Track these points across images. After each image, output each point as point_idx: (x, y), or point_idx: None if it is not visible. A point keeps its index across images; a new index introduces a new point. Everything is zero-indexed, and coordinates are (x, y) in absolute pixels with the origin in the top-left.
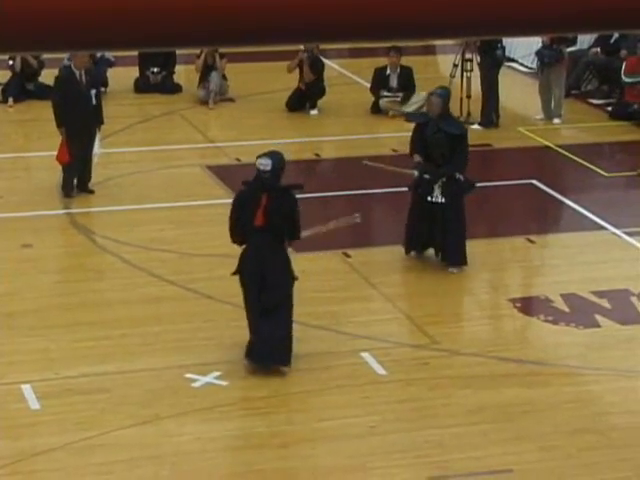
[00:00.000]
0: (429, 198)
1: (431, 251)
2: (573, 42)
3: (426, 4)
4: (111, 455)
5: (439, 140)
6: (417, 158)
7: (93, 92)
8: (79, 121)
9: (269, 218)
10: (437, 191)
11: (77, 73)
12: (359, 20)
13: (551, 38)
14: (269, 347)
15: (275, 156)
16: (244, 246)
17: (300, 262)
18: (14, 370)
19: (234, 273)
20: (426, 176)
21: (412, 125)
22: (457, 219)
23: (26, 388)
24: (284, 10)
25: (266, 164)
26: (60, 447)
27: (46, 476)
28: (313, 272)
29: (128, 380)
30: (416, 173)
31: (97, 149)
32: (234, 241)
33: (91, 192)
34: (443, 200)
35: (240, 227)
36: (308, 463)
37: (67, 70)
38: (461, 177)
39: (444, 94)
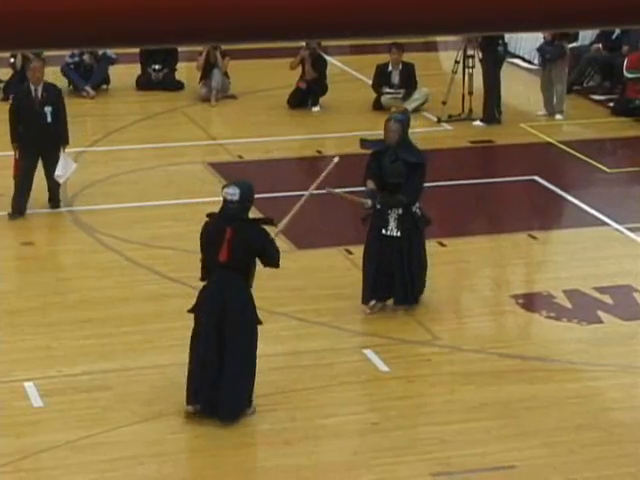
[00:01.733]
0: (383, 231)
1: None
2: (575, 38)
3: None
4: (114, 452)
5: (396, 169)
6: (370, 185)
7: (48, 109)
8: (30, 138)
9: (233, 253)
10: (392, 224)
11: (33, 89)
12: (361, 16)
13: (553, 34)
14: (229, 403)
15: (244, 185)
16: (205, 282)
17: (302, 259)
18: (17, 368)
19: (190, 310)
20: (378, 205)
21: (414, 122)
22: (413, 255)
23: (29, 386)
24: (285, 6)
25: (233, 193)
26: (63, 444)
27: (49, 474)
28: (315, 269)
29: (131, 377)
30: (369, 202)
31: (61, 170)
32: (202, 278)
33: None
34: (399, 234)
35: (206, 263)
36: (311, 460)
37: (21, 86)
38: (418, 210)
39: (403, 119)
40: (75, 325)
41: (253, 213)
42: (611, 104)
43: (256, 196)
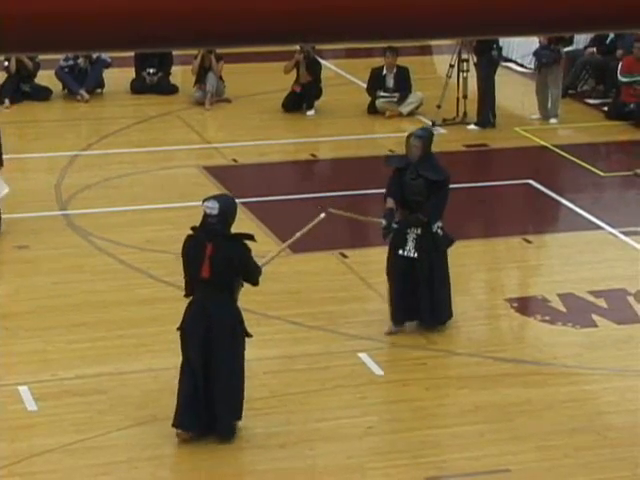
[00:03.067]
0: (400, 252)
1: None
2: (570, 42)
3: (422, 3)
4: (109, 456)
5: (417, 187)
6: (389, 203)
7: None
8: None
9: (214, 270)
10: (410, 244)
11: None
12: (355, 20)
13: (549, 38)
14: (222, 418)
15: (223, 199)
16: (190, 299)
17: (297, 262)
18: (11, 371)
19: (178, 328)
20: (395, 225)
21: (409, 126)
22: (434, 278)
23: (23, 389)
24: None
25: (212, 207)
26: (57, 448)
27: (43, 477)
28: (310, 272)
29: (125, 381)
30: (384, 222)
31: None
32: (187, 295)
33: None
34: (416, 255)
35: (189, 279)
36: (306, 463)
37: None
38: (439, 230)
39: (425, 135)
40: (69, 329)
41: (248, 219)
42: (605, 108)
43: (251, 200)
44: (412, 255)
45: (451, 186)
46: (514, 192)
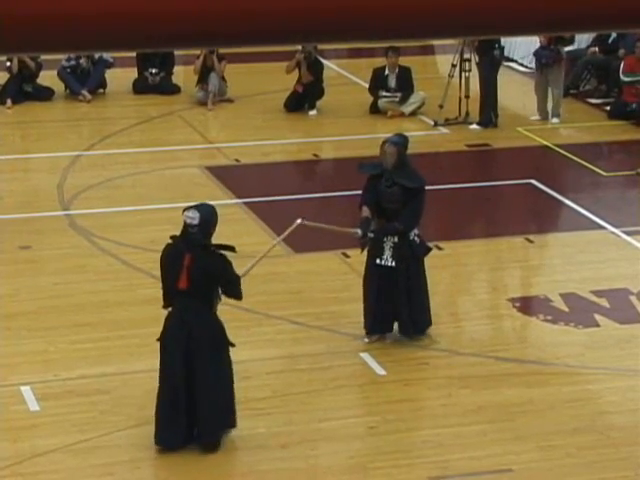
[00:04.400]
0: (378, 261)
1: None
2: (571, 42)
3: (424, 3)
4: (111, 456)
5: (393, 194)
6: (365, 212)
7: None
8: None
9: (192, 281)
10: (387, 253)
11: None
12: (357, 20)
13: (549, 38)
14: (207, 429)
15: (204, 209)
16: (169, 310)
17: (299, 262)
18: (13, 372)
19: (158, 339)
20: (371, 234)
21: (411, 125)
22: (412, 287)
23: (25, 390)
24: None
25: (193, 217)
26: (60, 449)
27: (46, 478)
28: (312, 272)
29: (127, 381)
30: (359, 232)
31: None
32: (165, 306)
33: None
34: (394, 264)
35: (167, 289)
36: (308, 463)
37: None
38: (416, 238)
39: (399, 142)
40: (72, 329)
41: (250, 219)
42: (607, 107)
43: (253, 200)
44: (390, 264)
45: (453, 186)
46: (516, 192)
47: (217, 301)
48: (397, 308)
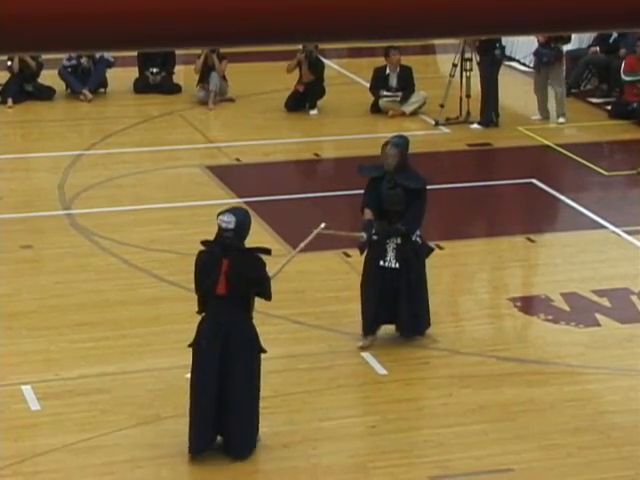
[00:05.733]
0: (381, 263)
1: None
2: (568, 40)
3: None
4: (112, 456)
5: (395, 196)
6: (367, 215)
7: None
8: None
9: (231, 286)
10: (390, 255)
11: None
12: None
13: (548, 37)
14: (239, 437)
15: (239, 212)
16: (203, 315)
17: (300, 262)
18: (14, 371)
19: (190, 345)
20: (374, 237)
21: (412, 125)
22: (413, 287)
23: (26, 389)
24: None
25: (228, 221)
26: (61, 448)
27: (47, 477)
28: (313, 272)
29: (128, 381)
30: (364, 236)
31: None
32: (200, 311)
33: None
34: (397, 266)
35: (203, 295)
36: (310, 463)
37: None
38: (418, 239)
39: (401, 143)
40: (73, 328)
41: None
42: (608, 107)
43: (254, 199)
44: (394, 266)
45: (454, 185)
46: (517, 191)
47: (253, 305)
48: (396, 309)
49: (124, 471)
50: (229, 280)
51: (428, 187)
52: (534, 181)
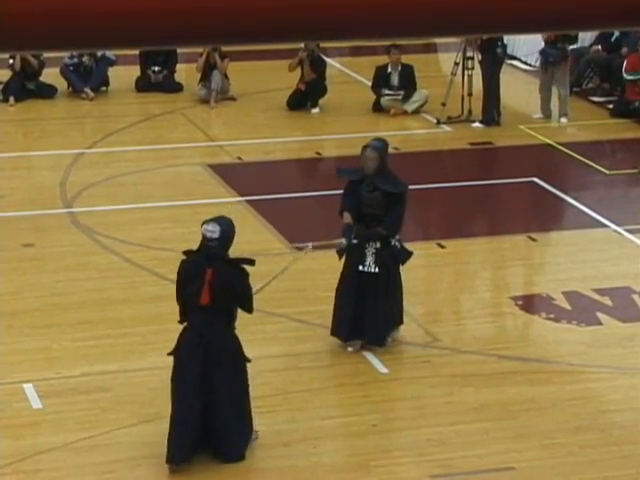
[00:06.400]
0: (360, 267)
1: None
2: (575, 40)
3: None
4: (113, 454)
5: (374, 200)
6: (347, 218)
7: None
8: None
9: (215, 296)
10: (370, 259)
11: None
12: (359, 18)
13: (555, 36)
14: (227, 446)
15: (223, 222)
16: (184, 325)
17: (302, 260)
18: (16, 369)
19: (170, 353)
20: (354, 241)
21: (413, 124)
22: (390, 292)
23: (28, 387)
24: (284, 8)
25: (213, 231)
26: (62, 446)
27: (48, 475)
28: (314, 270)
29: (129, 379)
30: (344, 242)
31: None
32: (181, 321)
33: None
34: (376, 270)
35: (185, 305)
36: (310, 461)
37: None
38: (397, 243)
39: (380, 147)
40: (74, 327)
41: (252, 217)
42: (610, 106)
43: (255, 197)
44: (373, 270)
45: (456, 184)
46: (519, 190)
47: (236, 316)
48: (371, 313)
49: (125, 469)
50: (213, 290)
51: (430, 186)
52: (536, 180)
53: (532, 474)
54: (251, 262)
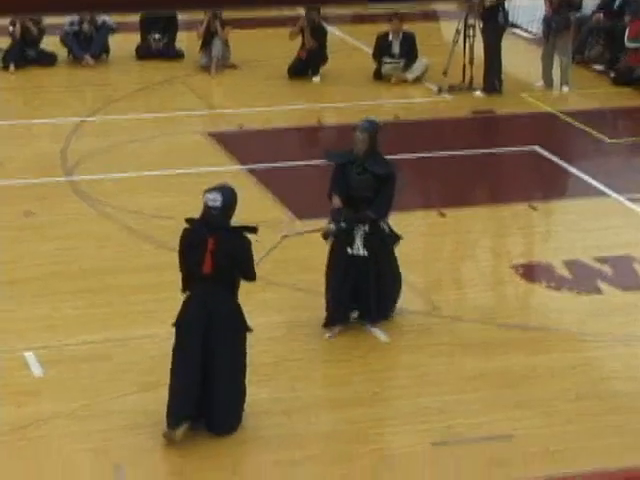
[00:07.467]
0: (349, 250)
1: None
2: (579, 7)
3: None
4: (114, 422)
5: (364, 182)
6: (336, 201)
7: None
8: None
9: (217, 265)
10: (358, 242)
11: None
12: None
13: (558, 4)
14: (222, 415)
15: (226, 191)
16: (187, 294)
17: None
18: (17, 338)
19: (174, 324)
20: (342, 224)
21: (414, 92)
22: (381, 275)
23: (29, 355)
24: None
25: (215, 199)
26: (63, 413)
27: (50, 442)
28: (316, 239)
29: (130, 347)
30: (332, 227)
31: None
32: (184, 290)
33: None
34: (365, 253)
35: (187, 274)
36: (310, 430)
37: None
38: (385, 227)
39: (370, 128)
40: (75, 295)
41: (253, 185)
42: (612, 74)
43: (256, 166)
44: (362, 253)
45: (457, 152)
46: (520, 159)
47: (238, 285)
48: (362, 295)
49: (125, 437)
50: (215, 259)
51: (431, 154)
52: (537, 148)
53: (531, 442)
54: (254, 230)
